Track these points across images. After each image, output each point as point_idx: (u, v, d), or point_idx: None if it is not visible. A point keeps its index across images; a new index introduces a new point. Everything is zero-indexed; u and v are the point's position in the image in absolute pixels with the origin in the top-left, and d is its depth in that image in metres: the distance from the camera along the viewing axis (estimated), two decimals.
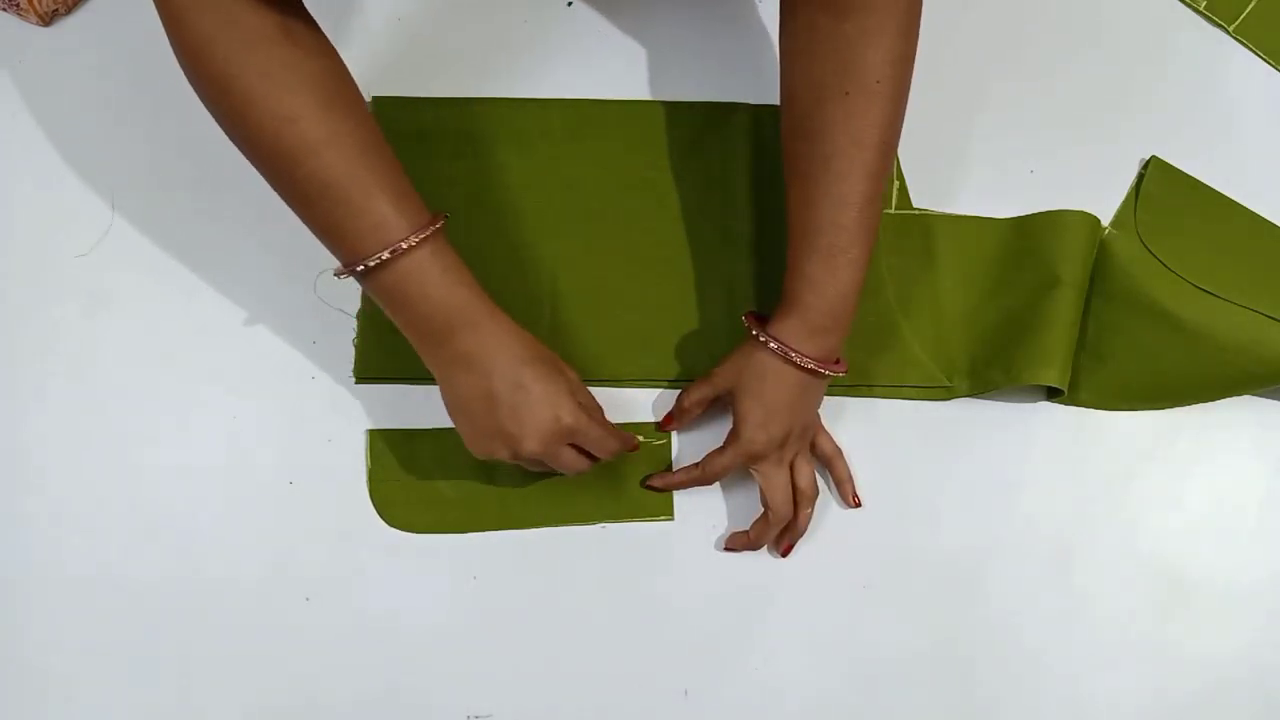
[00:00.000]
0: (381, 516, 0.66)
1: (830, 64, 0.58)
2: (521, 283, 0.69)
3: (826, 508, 0.68)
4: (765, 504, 0.65)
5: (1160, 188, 0.72)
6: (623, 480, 0.67)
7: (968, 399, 0.69)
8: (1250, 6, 0.76)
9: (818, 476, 0.66)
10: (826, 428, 0.68)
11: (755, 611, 0.66)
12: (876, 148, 0.58)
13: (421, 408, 0.67)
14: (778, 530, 0.65)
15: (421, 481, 0.67)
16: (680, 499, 0.67)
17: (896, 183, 0.72)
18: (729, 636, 0.66)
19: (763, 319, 0.63)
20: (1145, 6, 0.76)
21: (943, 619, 0.67)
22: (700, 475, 0.65)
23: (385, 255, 0.54)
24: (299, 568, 0.66)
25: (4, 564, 0.66)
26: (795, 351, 0.60)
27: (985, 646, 0.66)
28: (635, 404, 0.69)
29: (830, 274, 0.59)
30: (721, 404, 0.67)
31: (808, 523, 0.66)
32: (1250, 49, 0.75)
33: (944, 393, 0.69)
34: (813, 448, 0.67)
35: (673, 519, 0.67)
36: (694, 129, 0.72)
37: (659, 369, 0.69)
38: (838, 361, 0.62)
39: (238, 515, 0.66)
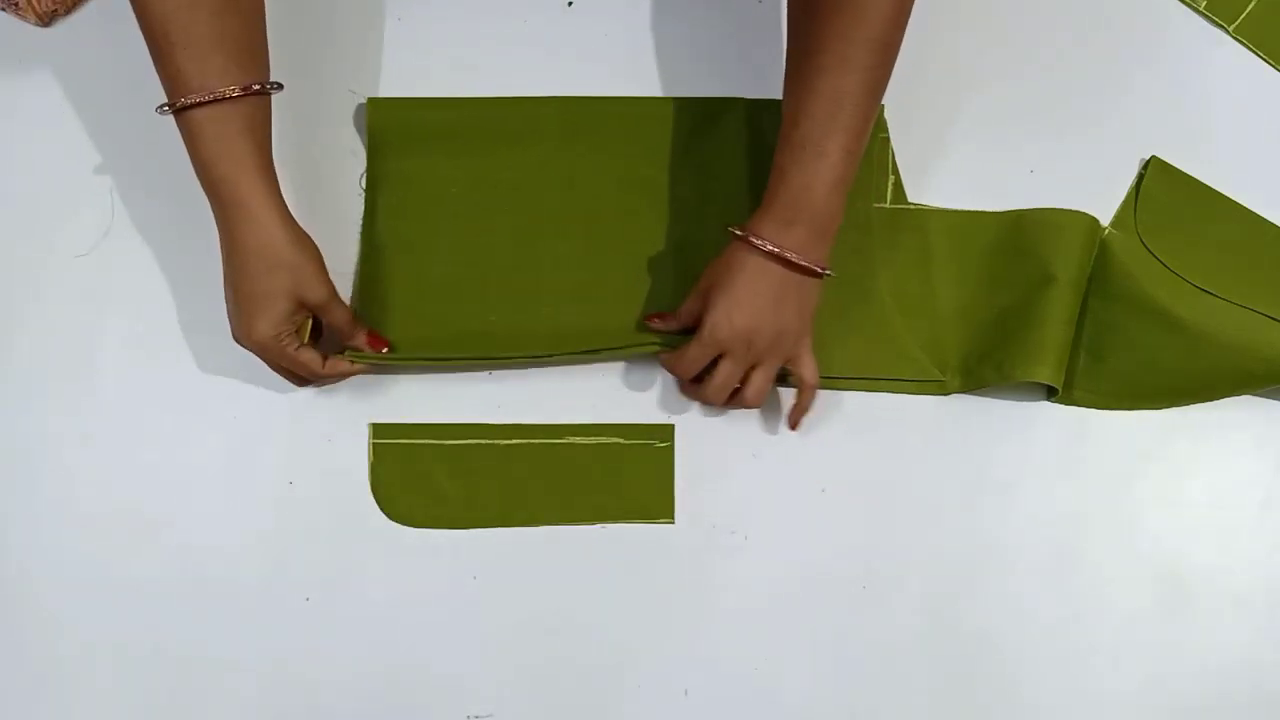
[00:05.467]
0: (382, 509, 0.66)
1: None
2: (521, 280, 0.69)
3: (825, 508, 0.68)
4: (701, 384, 0.64)
5: (1160, 188, 0.72)
6: (623, 480, 0.67)
7: (967, 398, 0.69)
8: (1250, 6, 0.76)
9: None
10: (825, 423, 0.67)
11: (755, 611, 0.66)
12: (864, 44, 0.58)
13: (423, 404, 0.68)
14: (694, 399, 0.66)
15: (423, 475, 0.67)
16: (680, 500, 0.67)
17: (892, 177, 0.72)
18: (729, 636, 0.66)
19: None
20: (1145, 6, 0.76)
21: (942, 619, 0.67)
22: (675, 367, 0.65)
23: (178, 104, 0.57)
24: (299, 568, 0.66)
25: (4, 564, 0.66)
26: (756, 236, 0.60)
27: (985, 646, 0.66)
28: (636, 404, 0.69)
29: (796, 165, 0.59)
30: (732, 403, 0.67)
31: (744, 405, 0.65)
32: (1250, 49, 0.75)
33: (937, 387, 0.69)
34: (794, 368, 0.65)
35: (672, 521, 0.67)
36: (691, 124, 0.72)
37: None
38: (817, 266, 0.61)
39: (238, 515, 0.66)
